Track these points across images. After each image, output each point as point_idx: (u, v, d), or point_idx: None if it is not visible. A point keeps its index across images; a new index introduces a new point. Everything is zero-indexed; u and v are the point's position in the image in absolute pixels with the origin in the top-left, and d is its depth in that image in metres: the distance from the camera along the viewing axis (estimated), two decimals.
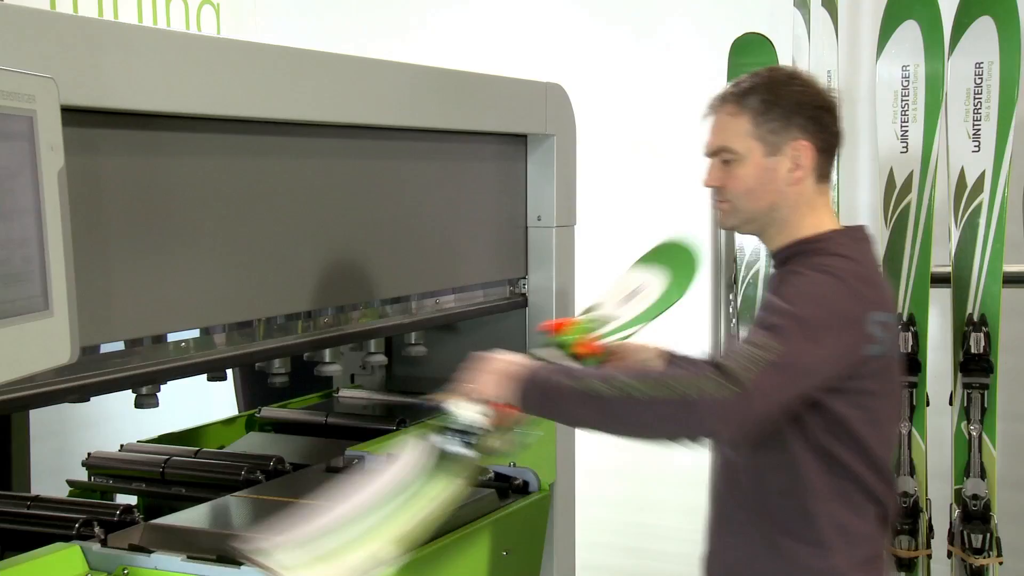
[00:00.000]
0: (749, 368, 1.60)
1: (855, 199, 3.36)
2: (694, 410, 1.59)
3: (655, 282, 2.23)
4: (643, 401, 1.61)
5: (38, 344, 1.34)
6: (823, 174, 1.81)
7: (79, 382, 1.67)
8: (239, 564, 1.55)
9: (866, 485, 1.76)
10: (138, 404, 2.01)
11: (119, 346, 1.84)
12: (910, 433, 2.72)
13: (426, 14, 3.98)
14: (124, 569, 1.56)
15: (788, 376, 1.62)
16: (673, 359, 1.96)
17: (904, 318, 2.73)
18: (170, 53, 1.73)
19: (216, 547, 1.60)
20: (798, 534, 1.76)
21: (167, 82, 1.74)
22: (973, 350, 2.63)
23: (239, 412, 3.23)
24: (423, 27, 3.97)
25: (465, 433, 1.69)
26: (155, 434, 2.45)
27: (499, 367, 1.73)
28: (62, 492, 2.22)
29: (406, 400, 2.85)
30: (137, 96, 1.69)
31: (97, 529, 1.70)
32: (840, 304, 1.68)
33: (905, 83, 2.70)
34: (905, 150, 2.72)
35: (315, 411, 2.75)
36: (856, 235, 1.83)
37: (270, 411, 2.72)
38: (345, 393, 2.96)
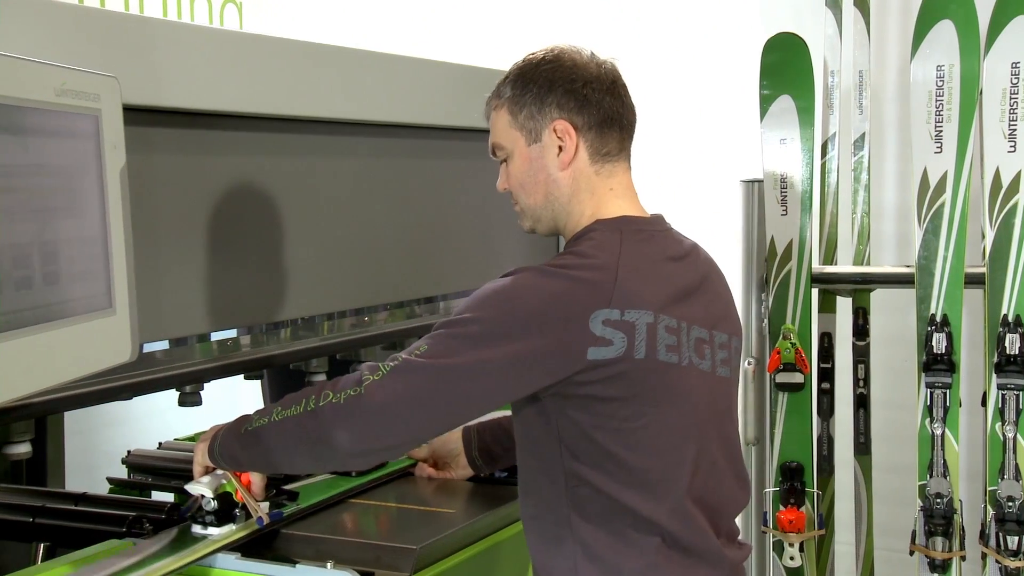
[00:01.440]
0: (379, 372, 1.51)
1: (888, 199, 3.35)
2: (314, 419, 1.51)
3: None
4: (280, 423, 1.55)
5: (101, 343, 1.34)
6: (601, 153, 1.65)
7: (129, 380, 1.67)
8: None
9: (629, 508, 1.54)
10: (181, 402, 2.02)
11: (163, 345, 1.85)
12: (943, 434, 2.71)
13: (448, 10, 3.97)
14: None
15: (422, 377, 1.47)
16: None
17: (938, 318, 2.72)
18: (222, 51, 1.74)
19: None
20: (554, 564, 1.59)
21: (217, 80, 1.74)
22: (1009, 351, 2.61)
23: None
24: (443, 23, 3.96)
25: (212, 513, 1.67)
26: (173, 433, 2.45)
27: (205, 436, 1.70)
28: (93, 489, 2.22)
29: None
30: (187, 94, 1.69)
31: (147, 526, 1.70)
32: (539, 306, 1.49)
33: (939, 83, 2.69)
34: (939, 150, 2.71)
35: None
36: (623, 226, 1.62)
37: None
38: None
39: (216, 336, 1.96)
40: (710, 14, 3.55)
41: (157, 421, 3.11)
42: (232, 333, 2.00)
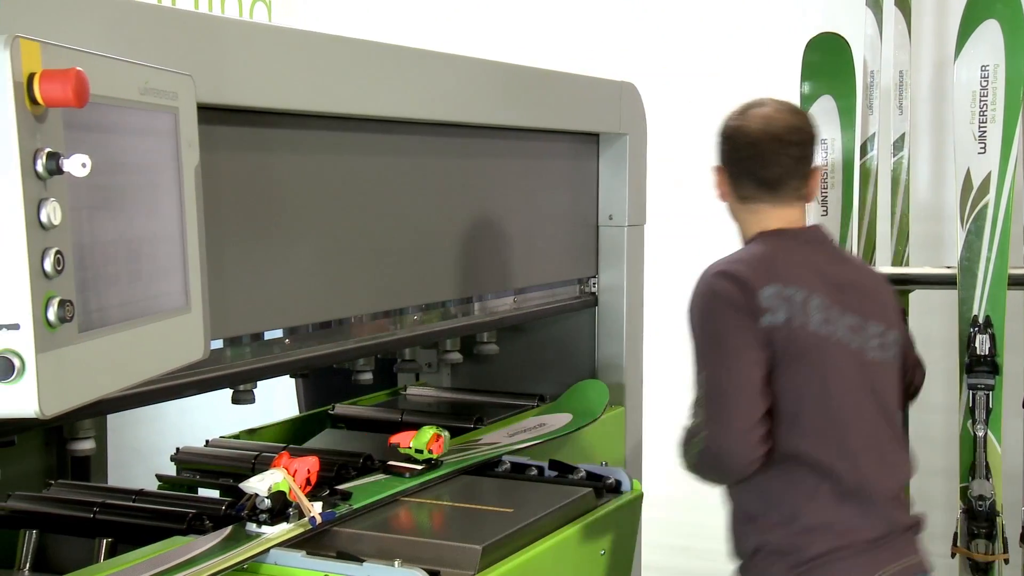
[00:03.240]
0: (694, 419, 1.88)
1: (922, 200, 3.34)
2: (702, 467, 1.89)
3: (557, 419, 2.44)
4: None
5: (178, 341, 1.34)
6: (743, 196, 2.01)
7: (192, 378, 1.67)
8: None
9: (794, 451, 1.86)
10: (235, 400, 2.02)
11: (218, 344, 1.84)
12: (986, 436, 2.71)
13: (480, 5, 3.97)
14: None
15: (719, 395, 1.84)
16: None
17: (980, 320, 2.71)
18: (286, 50, 1.74)
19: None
20: (739, 505, 1.93)
21: (282, 79, 1.74)
22: None
23: (300, 410, 3.24)
24: (474, 18, 3.96)
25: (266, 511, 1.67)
26: (199, 430, 2.46)
27: None
28: (130, 484, 2.23)
29: (475, 398, 2.85)
30: (253, 92, 1.69)
31: (208, 523, 1.71)
32: (718, 301, 1.88)
33: (984, 83, 2.68)
34: (983, 151, 2.70)
35: (388, 408, 2.75)
36: (781, 235, 1.98)
37: (343, 408, 2.72)
38: (413, 391, 2.96)
39: (269, 335, 1.96)
40: (748, 13, 3.55)
41: (176, 420, 3.13)
42: (279, 332, 2.00)
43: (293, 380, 3.28)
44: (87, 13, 1.37)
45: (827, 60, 2.83)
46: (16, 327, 0.99)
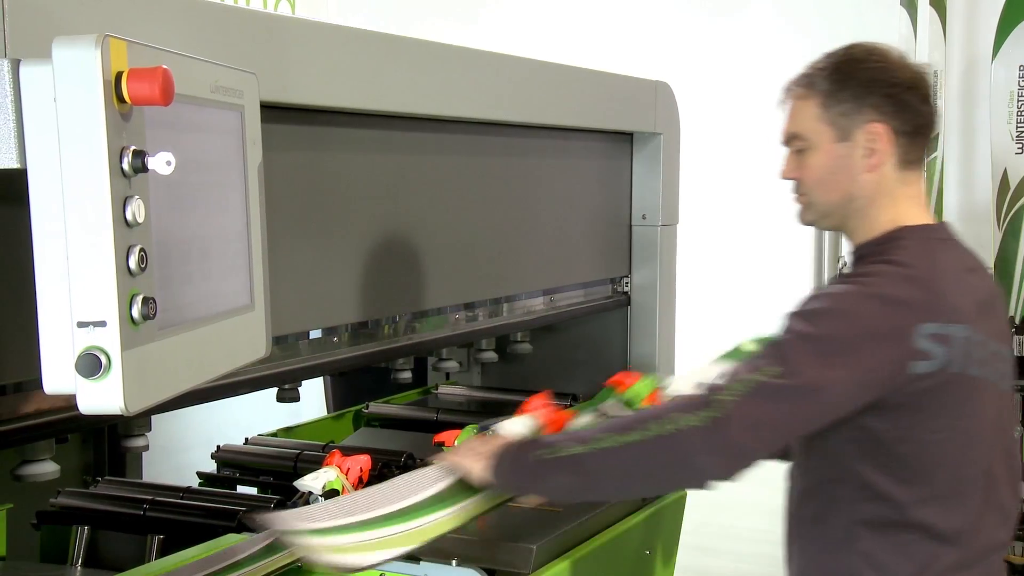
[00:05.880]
0: (733, 392, 1.46)
1: (950, 200, 3.33)
2: (670, 445, 1.47)
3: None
4: (617, 450, 1.49)
5: (243, 338, 1.35)
6: (908, 160, 1.61)
7: (248, 376, 1.68)
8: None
9: (917, 519, 1.53)
10: (280, 398, 2.02)
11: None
12: (1022, 438, 2.70)
13: (515, 4, 3.97)
14: None
15: (782, 400, 1.46)
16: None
17: (1017, 321, 2.70)
18: (342, 48, 1.74)
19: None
20: (830, 568, 1.58)
21: (335, 77, 1.74)
22: None
23: (328, 409, 3.24)
24: (508, 17, 3.96)
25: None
26: (218, 430, 2.46)
27: (480, 449, 1.62)
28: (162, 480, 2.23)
29: (507, 397, 2.85)
30: (307, 91, 1.69)
31: None
32: (870, 320, 1.49)
33: (1022, 83, 2.68)
34: (1020, 151, 2.70)
35: (421, 407, 2.75)
36: (930, 234, 1.61)
37: (377, 407, 2.73)
38: (444, 390, 2.96)
39: (314, 334, 1.96)
40: (781, 13, 3.54)
41: (193, 418, 3.12)
42: (319, 332, 2.00)
43: (322, 379, 3.29)
44: (154, 11, 1.37)
45: None
46: (103, 324, 1.00)
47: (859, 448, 1.54)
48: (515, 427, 1.63)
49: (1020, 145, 2.69)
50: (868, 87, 1.58)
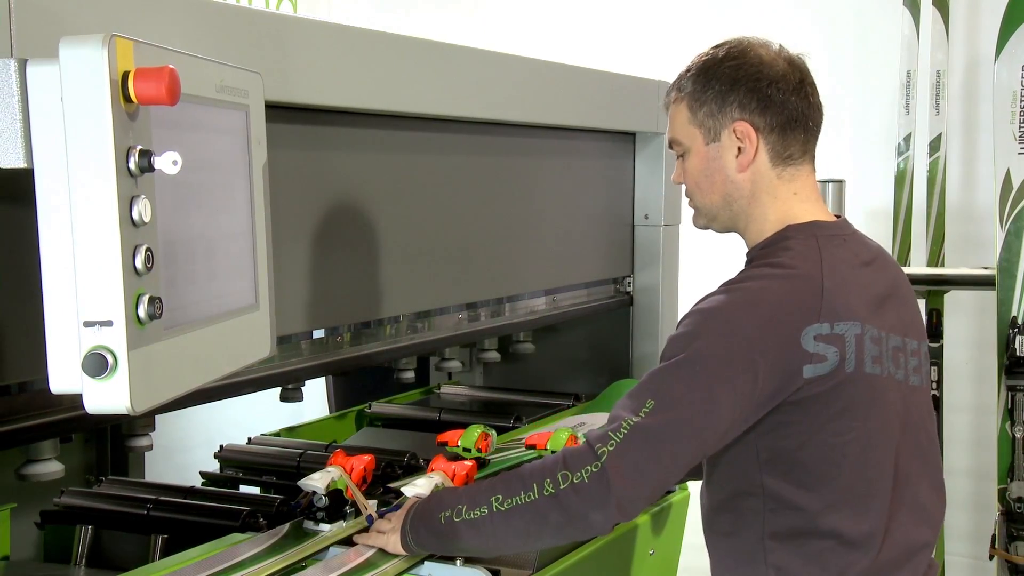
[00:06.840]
0: (611, 441, 1.42)
1: (953, 200, 3.33)
2: (558, 506, 1.43)
3: (597, 418, 2.20)
4: (511, 512, 1.47)
5: (248, 338, 1.35)
6: (784, 156, 1.56)
7: (249, 376, 1.68)
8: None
9: (826, 527, 1.48)
10: (283, 398, 2.03)
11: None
12: (1023, 438, 2.70)
13: (516, 3, 3.97)
14: None
15: (661, 439, 1.41)
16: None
17: (1020, 321, 2.70)
18: (349, 49, 1.74)
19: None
20: None
21: (343, 77, 1.74)
22: None
23: (330, 409, 3.24)
24: (510, 16, 3.96)
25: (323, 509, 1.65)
26: (221, 430, 2.46)
27: (390, 523, 1.61)
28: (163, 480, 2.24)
29: (510, 397, 2.86)
30: (311, 90, 1.69)
31: (262, 521, 1.71)
32: (751, 331, 1.43)
33: None
34: (1023, 151, 2.70)
35: (424, 407, 2.75)
36: (817, 231, 1.55)
37: (379, 407, 2.73)
38: (446, 390, 2.96)
39: (317, 334, 1.96)
40: (784, 12, 3.54)
41: (196, 417, 3.12)
42: (322, 331, 2.00)
43: (323, 378, 3.30)
44: (160, 11, 1.37)
45: None
46: (109, 324, 1.00)
47: (761, 459, 1.49)
48: (420, 488, 1.64)
49: (1023, 146, 2.69)
50: (731, 85, 1.56)
